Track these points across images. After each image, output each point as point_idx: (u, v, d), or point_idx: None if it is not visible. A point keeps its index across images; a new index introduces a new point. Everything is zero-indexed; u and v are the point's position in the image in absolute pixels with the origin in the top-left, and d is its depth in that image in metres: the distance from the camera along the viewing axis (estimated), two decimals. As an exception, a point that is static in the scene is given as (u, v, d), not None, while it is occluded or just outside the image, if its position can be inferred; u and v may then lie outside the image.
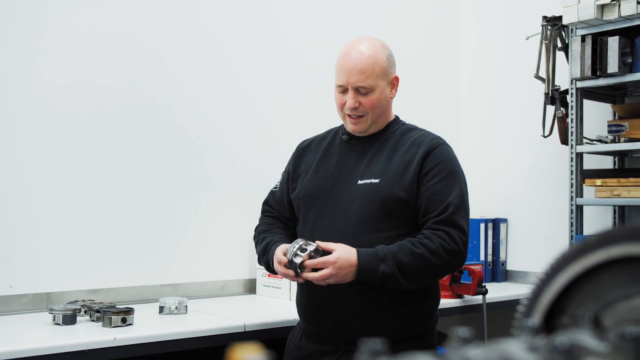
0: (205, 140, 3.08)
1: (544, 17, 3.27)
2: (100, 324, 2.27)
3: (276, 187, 2.29)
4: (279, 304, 2.84)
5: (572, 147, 3.14)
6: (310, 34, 3.45)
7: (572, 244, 3.11)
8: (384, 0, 3.77)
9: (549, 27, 3.25)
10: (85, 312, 2.38)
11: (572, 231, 3.13)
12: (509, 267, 3.74)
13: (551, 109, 3.31)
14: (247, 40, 3.22)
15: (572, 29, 3.14)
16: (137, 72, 2.89)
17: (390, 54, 2.10)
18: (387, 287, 1.95)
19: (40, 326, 2.27)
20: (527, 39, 3.48)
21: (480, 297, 2.94)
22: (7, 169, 2.57)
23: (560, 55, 3.28)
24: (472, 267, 2.94)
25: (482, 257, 3.61)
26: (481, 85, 3.97)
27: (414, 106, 3.33)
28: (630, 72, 2.99)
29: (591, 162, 3.29)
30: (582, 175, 3.14)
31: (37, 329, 2.24)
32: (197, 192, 3.04)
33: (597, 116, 3.36)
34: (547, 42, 3.27)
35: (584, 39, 3.04)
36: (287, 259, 1.91)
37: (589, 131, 3.23)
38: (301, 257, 1.89)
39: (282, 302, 2.89)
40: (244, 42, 3.21)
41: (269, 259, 2.05)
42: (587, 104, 3.23)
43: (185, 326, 2.35)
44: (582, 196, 3.13)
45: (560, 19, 3.18)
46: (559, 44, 3.26)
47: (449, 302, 2.88)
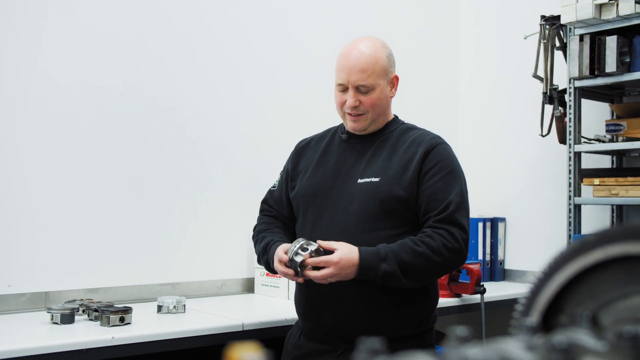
0: (205, 139, 3.08)
1: (542, 17, 3.28)
2: (98, 323, 2.26)
3: (274, 186, 2.29)
4: (277, 303, 2.84)
5: (570, 147, 3.14)
6: (310, 34, 3.45)
7: (570, 243, 3.11)
8: (383, 0, 3.77)
9: (547, 27, 3.26)
10: (83, 311, 2.38)
11: (570, 230, 3.13)
12: (507, 266, 3.74)
13: (549, 109, 3.32)
14: (248, 39, 3.22)
15: (570, 29, 3.15)
16: (137, 72, 2.89)
17: (390, 53, 2.11)
18: (386, 286, 1.95)
19: (38, 325, 2.27)
20: (525, 38, 3.48)
21: (478, 296, 2.94)
22: (7, 169, 2.57)
23: (558, 54, 3.29)
24: (470, 266, 2.94)
25: (480, 256, 3.61)
26: (480, 84, 3.98)
27: (413, 106, 3.33)
28: (628, 71, 3.00)
29: (589, 162, 3.29)
30: (580, 174, 3.15)
31: (35, 328, 2.24)
32: (197, 192, 3.04)
33: (595, 115, 3.36)
34: (545, 41, 3.28)
35: (582, 38, 3.05)
36: (288, 258, 1.91)
37: (587, 130, 3.24)
38: (302, 256, 1.89)
39: (280, 301, 2.89)
40: (244, 41, 3.21)
41: (269, 258, 2.05)
42: (585, 103, 3.24)
43: (183, 325, 2.35)
44: (580, 195, 3.14)
45: (558, 18, 3.18)
46: (557, 44, 3.26)
47: (447, 301, 2.88)
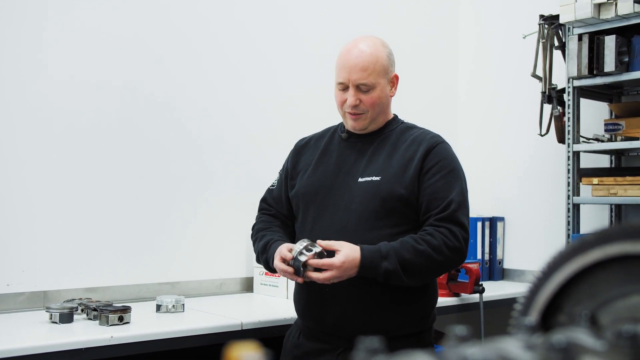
0: (205, 138, 3.07)
1: (541, 16, 3.28)
2: (97, 322, 2.26)
3: (273, 185, 2.29)
4: (276, 303, 2.84)
5: (568, 146, 3.14)
6: (310, 33, 3.44)
7: (568, 242, 3.11)
8: (383, 0, 3.77)
9: (546, 26, 3.26)
10: (82, 310, 2.37)
11: (568, 230, 3.13)
12: (506, 265, 3.74)
13: (548, 108, 3.32)
14: (249, 38, 3.22)
15: (569, 28, 3.15)
16: (136, 70, 2.88)
17: (390, 52, 2.11)
18: (386, 284, 1.95)
19: (37, 324, 2.27)
20: (524, 38, 3.48)
21: (477, 295, 2.94)
22: (6, 168, 2.57)
23: (557, 54, 3.29)
24: (469, 265, 2.94)
25: (479, 256, 3.61)
26: (480, 84, 3.98)
27: (413, 106, 3.32)
28: (626, 71, 3.00)
29: (588, 161, 3.29)
30: (579, 173, 3.15)
31: (34, 327, 2.24)
32: (197, 191, 3.04)
33: (594, 115, 3.37)
34: (544, 40, 3.28)
35: (580, 37, 3.05)
36: (292, 256, 1.91)
37: (586, 130, 3.24)
38: (306, 256, 1.90)
39: (279, 300, 2.89)
40: (245, 40, 3.20)
41: (269, 257, 2.05)
42: (584, 102, 3.24)
43: (182, 324, 2.35)
44: (578, 195, 3.14)
45: (557, 17, 3.18)
46: (556, 43, 3.26)
47: (446, 301, 2.88)
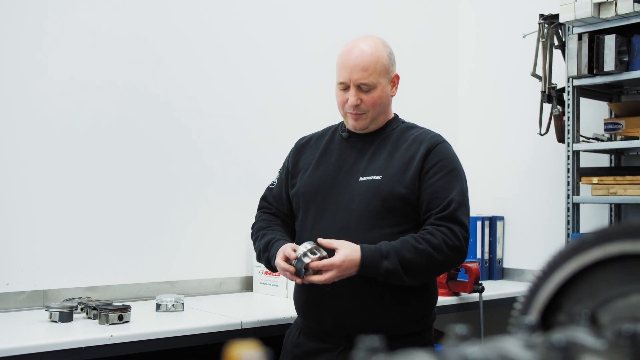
0: (205, 138, 3.07)
1: (541, 15, 3.28)
2: (96, 321, 2.26)
3: (273, 184, 2.29)
4: (276, 302, 2.84)
5: (568, 145, 3.15)
6: (311, 32, 3.44)
7: (568, 241, 3.11)
8: (384, 0, 3.77)
9: (546, 25, 3.26)
10: (82, 309, 2.38)
11: (568, 229, 3.13)
12: (506, 264, 3.74)
13: (548, 107, 3.32)
14: (249, 37, 3.21)
15: (568, 27, 3.15)
16: (136, 70, 2.88)
17: (390, 52, 2.11)
18: (386, 284, 1.95)
19: (36, 323, 2.27)
20: (524, 37, 3.48)
21: (476, 294, 2.94)
22: (6, 167, 2.57)
23: (557, 53, 3.29)
24: (469, 264, 2.94)
25: (478, 255, 3.61)
26: (479, 84, 3.97)
27: (413, 105, 3.32)
28: (626, 70, 3.00)
29: (587, 160, 3.30)
30: (579, 173, 3.15)
31: (33, 326, 2.24)
32: (197, 190, 3.04)
33: (594, 114, 3.37)
34: (544, 40, 3.28)
35: (580, 37, 3.05)
36: (296, 257, 1.91)
37: (586, 129, 3.24)
38: (309, 259, 1.90)
39: (279, 299, 2.90)
40: (245, 39, 3.20)
41: (270, 256, 2.05)
42: (584, 102, 3.24)
43: (181, 323, 2.35)
44: (578, 194, 3.14)
45: (557, 17, 3.18)
46: (556, 42, 3.26)
47: (445, 300, 2.88)
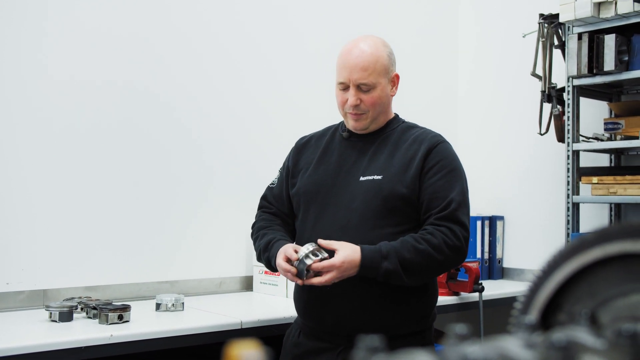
0: (205, 137, 3.07)
1: (541, 15, 3.28)
2: (96, 320, 2.26)
3: (273, 183, 2.29)
4: (275, 301, 2.84)
5: (568, 145, 3.14)
6: (311, 32, 3.44)
7: (568, 241, 3.11)
8: (384, 0, 3.77)
9: (546, 25, 3.26)
10: (81, 309, 2.37)
11: (568, 229, 3.13)
12: (506, 264, 3.74)
13: (548, 107, 3.32)
14: (249, 37, 3.21)
15: (568, 27, 3.15)
16: (136, 70, 2.88)
17: (390, 52, 2.11)
18: (387, 284, 1.95)
19: (36, 323, 2.27)
20: (523, 37, 3.48)
21: (476, 294, 2.94)
22: (6, 167, 2.56)
23: (557, 53, 3.28)
24: (469, 264, 2.94)
25: (478, 255, 3.61)
26: (479, 83, 3.97)
27: (413, 105, 3.32)
28: (626, 70, 3.00)
29: (587, 160, 3.30)
30: (579, 172, 3.15)
31: (33, 325, 2.24)
32: (197, 190, 3.04)
33: (594, 114, 3.37)
34: (543, 39, 3.27)
35: (580, 36, 3.05)
36: (298, 258, 1.92)
37: (586, 129, 3.24)
38: (311, 260, 1.90)
39: (279, 299, 2.90)
40: (245, 39, 3.20)
41: (271, 256, 2.05)
42: (584, 101, 3.24)
43: (181, 323, 2.35)
44: (578, 194, 3.14)
45: (557, 16, 3.18)
46: (556, 42, 3.26)
47: (445, 300, 2.88)
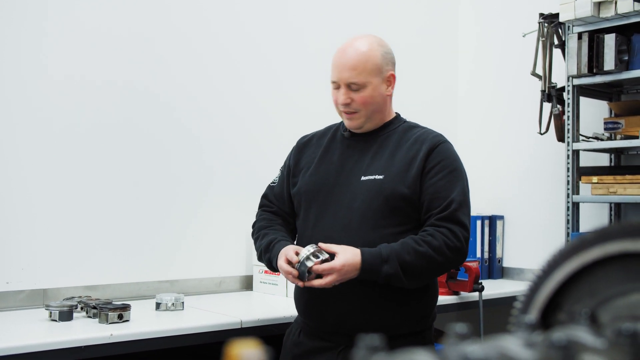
0: (206, 137, 3.07)
1: (541, 15, 3.28)
2: (96, 320, 2.26)
3: (274, 182, 2.28)
4: (275, 301, 2.84)
5: (568, 145, 3.15)
6: (311, 32, 3.44)
7: (568, 241, 3.12)
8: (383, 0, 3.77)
9: (546, 25, 3.26)
10: (81, 308, 2.38)
11: (568, 228, 3.13)
12: (505, 264, 3.74)
13: (548, 107, 3.32)
14: (249, 37, 3.21)
15: (568, 26, 3.15)
16: (137, 70, 2.88)
17: (386, 51, 2.10)
18: (388, 285, 1.95)
19: (36, 322, 2.27)
20: (523, 36, 3.48)
21: (476, 294, 2.94)
22: (6, 166, 2.56)
23: (557, 52, 3.28)
24: (469, 264, 2.94)
25: (478, 254, 3.61)
26: (479, 83, 3.97)
27: (413, 105, 3.31)
28: (626, 69, 3.00)
29: (587, 160, 3.30)
30: (579, 172, 3.15)
31: (33, 325, 2.24)
32: (197, 190, 3.04)
33: (594, 113, 3.37)
34: (543, 39, 3.27)
35: (580, 36, 3.05)
36: (299, 260, 1.92)
37: (585, 128, 3.24)
38: (312, 262, 1.90)
39: (278, 298, 2.90)
40: (245, 38, 3.20)
41: (272, 256, 2.05)
42: (584, 101, 3.24)
43: (181, 322, 2.35)
44: (578, 193, 3.14)
45: (557, 16, 3.18)
46: (556, 41, 3.26)
47: (445, 299, 2.88)
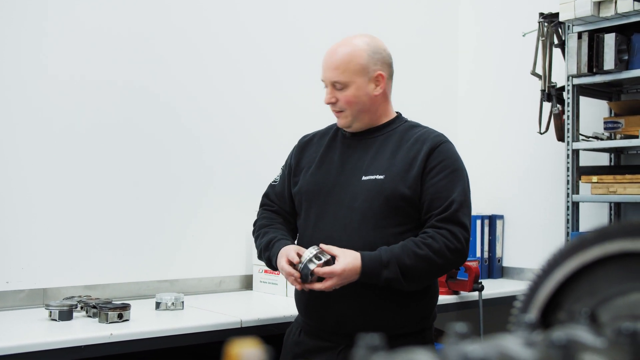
0: (206, 137, 3.07)
1: (541, 14, 3.28)
2: (96, 319, 2.26)
3: (275, 181, 2.28)
4: (275, 300, 2.84)
5: (568, 144, 3.15)
6: (311, 32, 3.43)
7: (568, 240, 3.12)
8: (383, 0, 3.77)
9: (546, 24, 3.26)
10: (81, 307, 2.38)
11: (568, 228, 3.13)
12: (505, 263, 3.74)
13: (548, 106, 3.32)
14: (249, 37, 3.21)
15: (568, 26, 3.15)
16: (137, 69, 2.88)
17: (375, 51, 2.07)
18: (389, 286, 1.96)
19: (36, 322, 2.27)
20: (523, 36, 3.48)
21: (476, 293, 2.94)
22: (6, 166, 2.56)
23: (556, 52, 3.28)
24: (469, 263, 2.93)
25: (478, 254, 3.61)
26: (479, 83, 3.97)
27: (413, 105, 3.31)
28: (626, 69, 3.00)
29: (587, 159, 3.30)
30: (578, 172, 3.15)
31: (33, 324, 2.24)
32: (197, 189, 3.04)
33: (594, 113, 3.37)
34: (543, 39, 3.27)
35: (580, 35, 3.05)
36: (299, 261, 1.92)
37: (585, 128, 3.24)
38: (315, 264, 1.90)
39: (278, 298, 2.90)
40: (245, 38, 3.20)
41: (272, 255, 2.05)
42: (584, 100, 3.24)
43: (181, 322, 2.35)
44: (578, 193, 3.14)
45: (557, 15, 3.18)
46: (556, 41, 3.26)
47: (445, 299, 2.88)
